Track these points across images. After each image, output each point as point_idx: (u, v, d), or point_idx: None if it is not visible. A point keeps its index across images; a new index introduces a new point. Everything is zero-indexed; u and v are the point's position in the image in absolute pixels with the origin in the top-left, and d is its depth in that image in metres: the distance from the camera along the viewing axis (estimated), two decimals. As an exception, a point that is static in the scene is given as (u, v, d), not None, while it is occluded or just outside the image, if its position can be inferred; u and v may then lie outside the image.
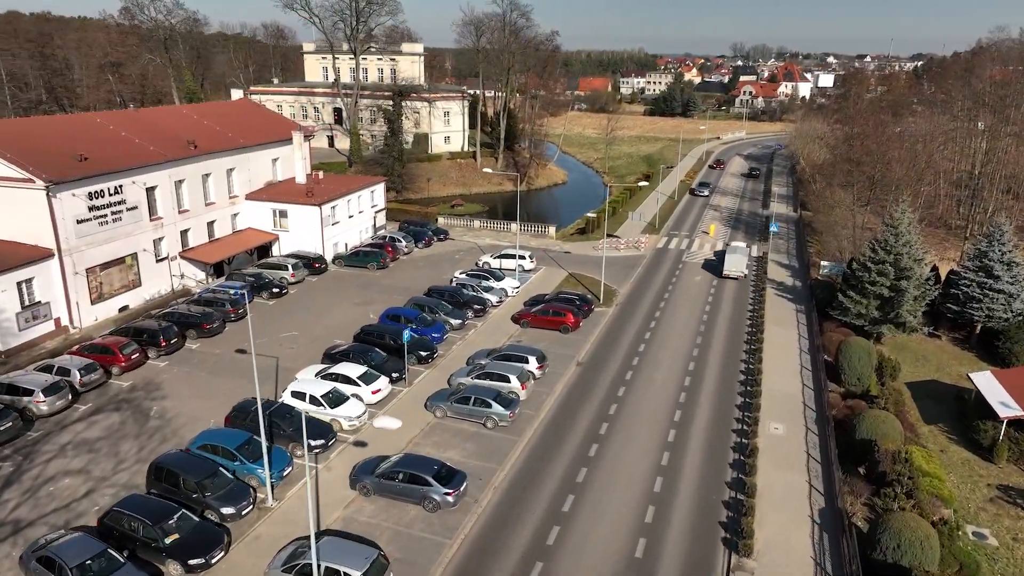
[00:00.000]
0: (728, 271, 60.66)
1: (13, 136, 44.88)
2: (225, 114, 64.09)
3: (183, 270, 53.78)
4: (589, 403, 39.33)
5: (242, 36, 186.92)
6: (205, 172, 55.40)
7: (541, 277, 60.61)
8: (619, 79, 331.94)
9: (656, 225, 78.85)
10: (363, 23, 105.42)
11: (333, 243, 62.35)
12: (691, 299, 56.16)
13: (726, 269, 60.78)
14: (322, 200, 59.73)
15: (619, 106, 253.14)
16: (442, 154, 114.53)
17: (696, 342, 47.78)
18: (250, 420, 33.62)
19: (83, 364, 37.86)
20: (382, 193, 70.91)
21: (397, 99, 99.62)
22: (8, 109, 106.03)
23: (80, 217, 44.66)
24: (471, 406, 36.39)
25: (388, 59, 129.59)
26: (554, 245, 70.87)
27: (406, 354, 41.36)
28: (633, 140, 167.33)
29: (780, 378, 42.19)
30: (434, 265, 62.92)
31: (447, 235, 71.48)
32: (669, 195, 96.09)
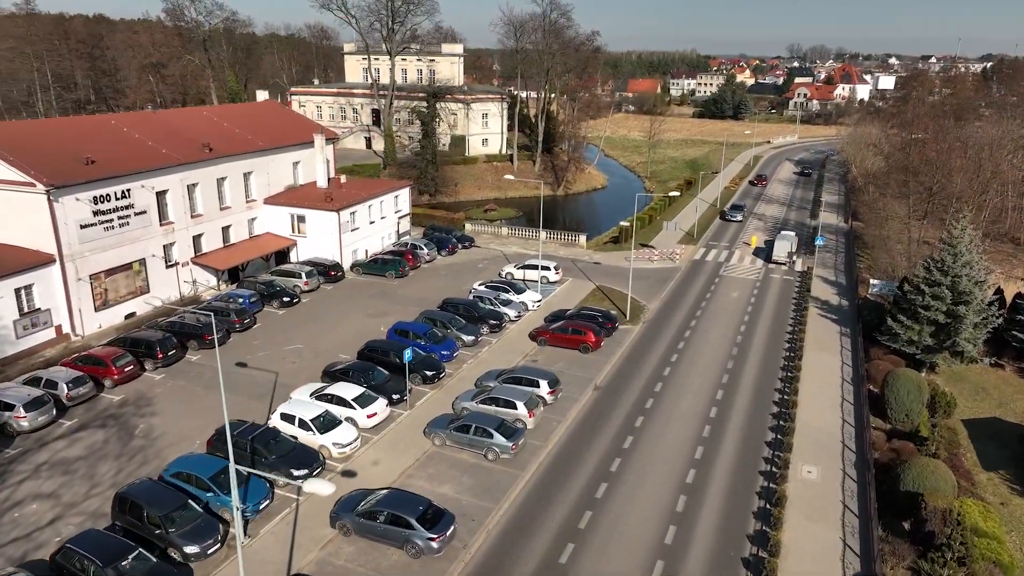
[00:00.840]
0: (776, 256, 65.91)
1: (20, 138, 43.98)
2: (247, 116, 62.77)
3: (195, 276, 52.38)
4: (603, 434, 36.07)
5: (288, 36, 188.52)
6: (220, 176, 53.94)
7: (566, 290, 57.43)
8: (669, 81, 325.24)
9: (694, 235, 74.76)
10: (399, 23, 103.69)
11: (352, 250, 60.35)
12: (726, 318, 52.24)
13: (775, 254, 65.99)
14: (341, 205, 57.76)
15: (667, 108, 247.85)
16: (478, 157, 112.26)
17: (727, 367, 43.98)
18: (233, 445, 31.40)
19: (72, 377, 36.39)
20: (407, 198, 68.73)
21: (431, 101, 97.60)
22: (53, 109, 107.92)
23: (84, 222, 43.44)
24: (471, 435, 33.57)
25: (427, 60, 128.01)
26: (584, 255, 67.55)
27: (408, 374, 38.77)
28: (679, 143, 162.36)
29: (817, 412, 38.17)
30: (456, 274, 60.34)
31: (472, 242, 68.87)
32: (711, 203, 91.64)
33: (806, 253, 68.95)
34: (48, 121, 52.56)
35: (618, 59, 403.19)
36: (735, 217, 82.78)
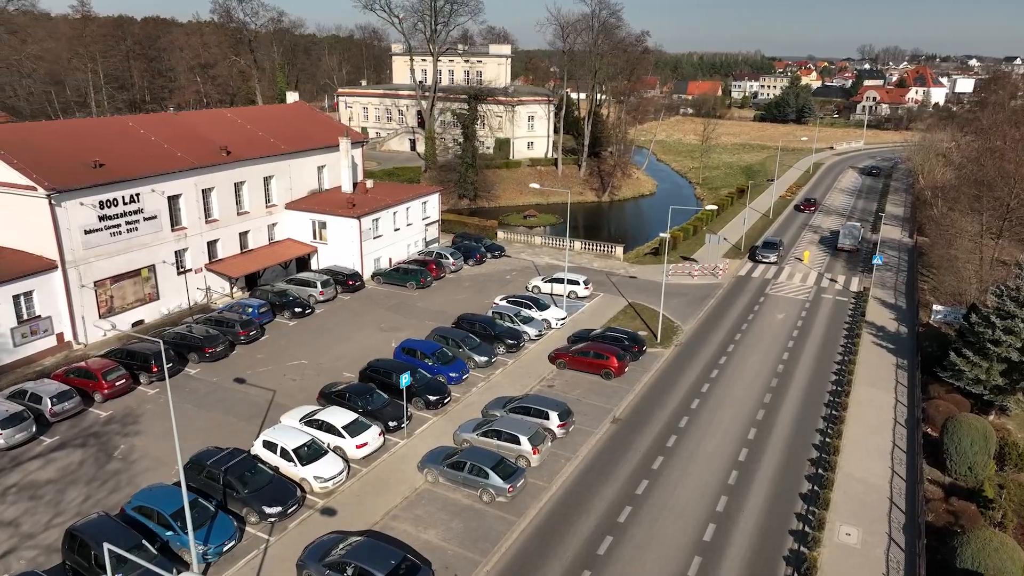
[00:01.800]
0: (842, 245, 70.61)
1: (29, 140, 43.00)
2: (273, 118, 61.21)
3: (209, 283, 50.85)
4: (615, 477, 32.43)
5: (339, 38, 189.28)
6: (239, 180, 52.30)
7: (596, 307, 53.75)
8: (731, 83, 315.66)
9: (741, 248, 69.88)
10: (442, 23, 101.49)
11: (375, 258, 58.05)
12: (768, 343, 47.71)
13: (840, 242, 70.74)
14: (362, 212, 55.48)
15: (727, 111, 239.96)
16: (522, 161, 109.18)
17: (764, 400, 39.66)
18: (205, 476, 29.18)
19: (58, 391, 34.82)
20: (436, 204, 66.14)
21: (472, 102, 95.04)
22: (105, 109, 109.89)
23: (89, 227, 42.15)
24: (465, 473, 30.45)
25: (474, 61, 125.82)
26: (620, 268, 63.64)
27: (409, 398, 35.89)
28: (736, 148, 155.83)
29: (863, 459, 33.62)
30: (480, 286, 57.35)
31: (503, 252, 65.77)
32: (763, 213, 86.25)
33: (863, 272, 63.39)
34: (61, 123, 51.95)
35: (678, 60, 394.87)
36: (767, 258, 64.97)
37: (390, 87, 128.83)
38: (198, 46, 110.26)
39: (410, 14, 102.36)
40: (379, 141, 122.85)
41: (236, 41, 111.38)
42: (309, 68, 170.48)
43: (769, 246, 66.52)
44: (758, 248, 66.96)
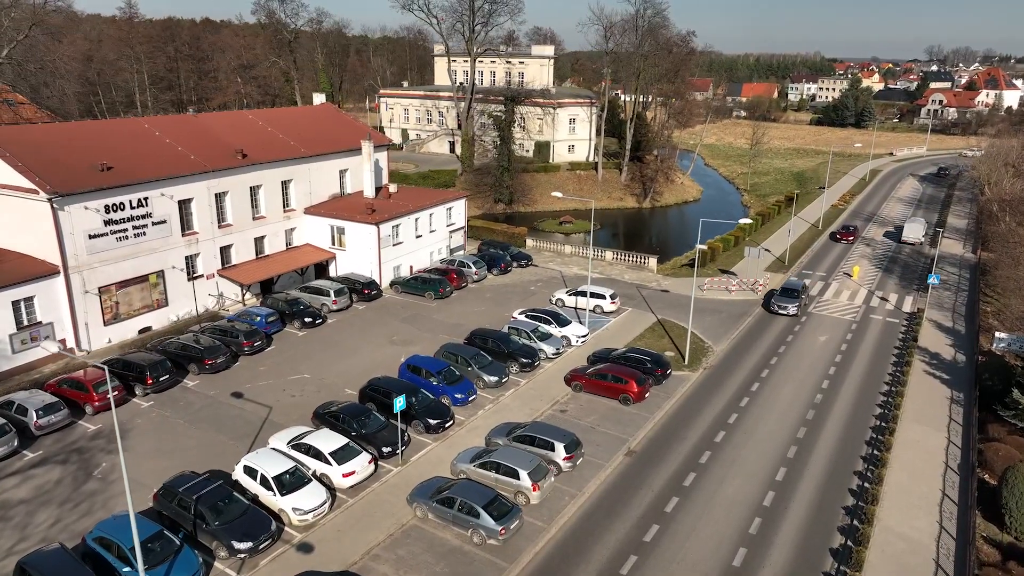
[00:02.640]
0: (906, 237, 71.51)
1: (39, 142, 42.24)
2: (296, 120, 59.84)
3: (221, 290, 49.59)
4: (622, 520, 29.42)
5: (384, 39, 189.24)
6: (254, 184, 50.94)
7: (622, 323, 50.58)
8: (787, 85, 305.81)
9: (785, 261, 65.58)
10: (481, 24, 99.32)
11: (395, 266, 56.06)
12: (806, 368, 43.83)
13: (904, 235, 71.74)
14: (382, 218, 53.53)
15: (782, 114, 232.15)
16: (561, 164, 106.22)
17: (797, 435, 36.00)
18: (176, 504, 27.34)
19: (44, 403, 33.62)
20: (462, 210, 63.85)
21: (509, 104, 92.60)
22: (149, 109, 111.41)
23: (94, 232, 41.12)
24: (455, 511, 27.90)
25: (516, 62, 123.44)
26: (652, 280, 60.21)
27: (408, 421, 33.46)
28: (788, 153, 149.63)
29: (905, 512, 29.81)
30: (502, 298, 54.77)
31: (529, 261, 63.05)
32: (812, 223, 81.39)
33: (917, 291, 58.50)
34: (74, 124, 51.38)
35: (733, 62, 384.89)
36: (785, 308, 51.59)
37: (431, 88, 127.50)
38: (240, 47, 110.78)
39: (448, 14, 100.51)
40: (418, 143, 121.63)
41: (277, 42, 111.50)
42: (359, 69, 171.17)
43: (788, 294, 52.44)
44: (775, 295, 52.94)
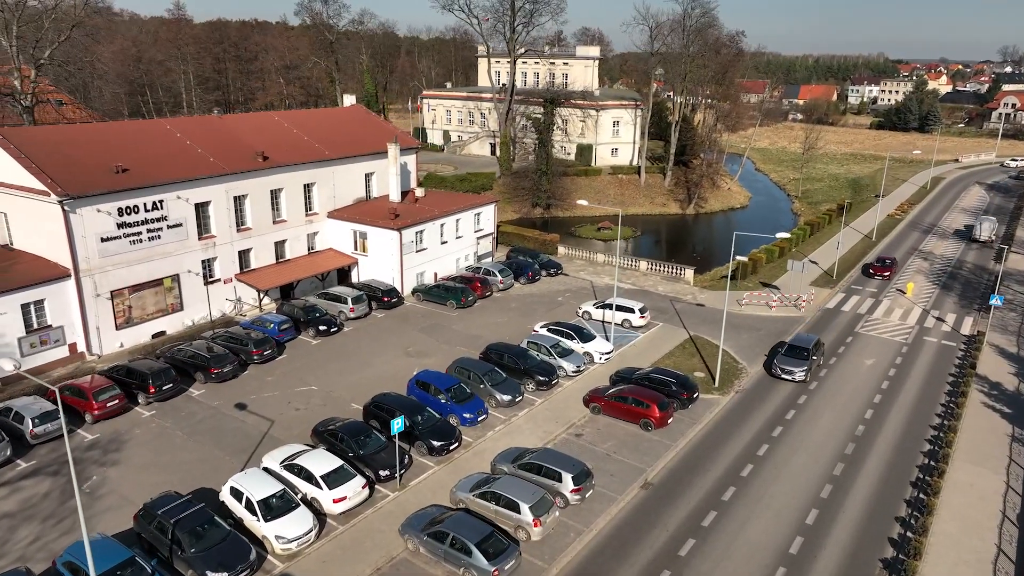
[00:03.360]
0: (976, 236, 71.27)
1: (55, 144, 41.88)
2: (324, 122, 58.79)
3: (240, 294, 48.71)
4: (631, 564, 26.89)
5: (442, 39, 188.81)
6: (275, 187, 49.95)
7: (651, 339, 47.80)
8: (847, 87, 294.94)
9: (833, 275, 61.58)
10: (523, 24, 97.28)
11: (418, 272, 54.43)
12: (849, 395, 40.37)
13: (975, 233, 71.78)
14: (405, 223, 51.95)
15: (841, 117, 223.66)
16: (603, 168, 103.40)
17: (833, 472, 32.79)
18: (155, 528, 26.00)
19: (41, 411, 32.88)
20: (491, 216, 61.85)
21: (548, 106, 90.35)
22: (194, 109, 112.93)
23: (106, 235, 40.53)
24: (446, 547, 25.85)
25: (561, 63, 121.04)
26: (688, 293, 57.12)
27: (398, 445, 31.50)
28: (845, 158, 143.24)
29: (953, 569, 26.46)
30: (527, 308, 52.56)
31: (559, 270, 60.63)
32: (865, 234, 76.74)
33: (979, 311, 53.96)
34: (94, 126, 51.18)
35: (791, 63, 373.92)
36: (790, 373, 41.13)
37: (473, 89, 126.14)
38: (284, 48, 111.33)
39: (489, 14, 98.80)
40: (459, 145, 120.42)
41: (319, 43, 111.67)
42: (408, 70, 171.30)
43: (796, 353, 41.94)
44: (779, 355, 42.40)
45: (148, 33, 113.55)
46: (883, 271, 61.64)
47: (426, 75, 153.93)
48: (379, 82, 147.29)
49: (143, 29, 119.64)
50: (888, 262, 62.68)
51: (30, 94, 62.72)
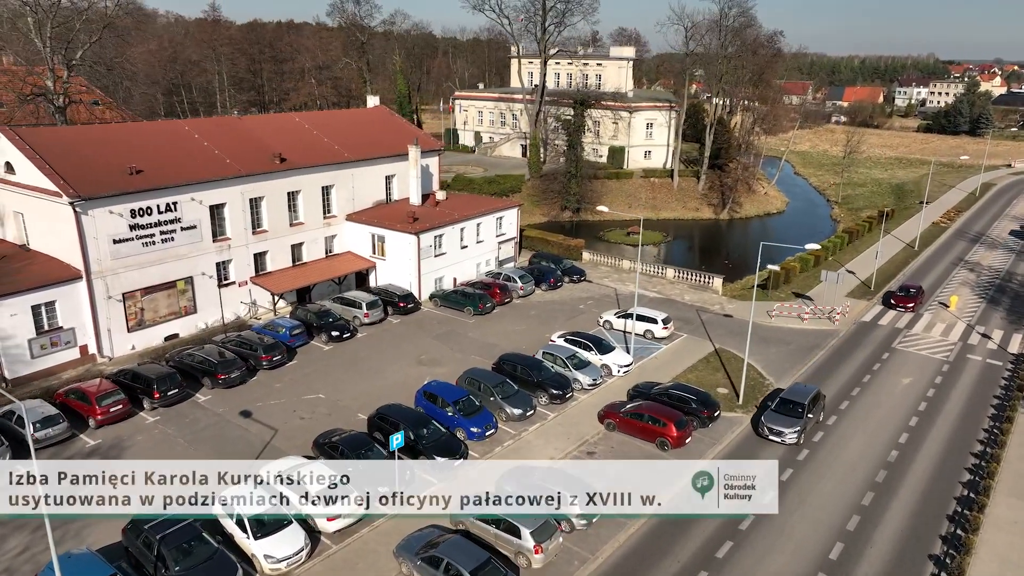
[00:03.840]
0: None
1: (71, 145, 41.78)
2: (346, 124, 58.09)
3: (255, 297, 48.17)
4: (635, 596, 25.24)
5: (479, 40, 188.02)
6: (292, 189, 49.30)
7: (674, 351, 45.88)
8: (894, 89, 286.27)
9: (871, 286, 58.69)
10: (555, 23, 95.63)
11: (436, 277, 53.32)
12: (883, 417, 37.96)
13: None
14: (423, 227, 50.89)
15: (887, 120, 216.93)
16: (634, 171, 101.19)
17: (861, 502, 30.60)
18: (141, 543, 25.20)
19: (43, 415, 32.51)
20: (514, 220, 60.47)
21: (578, 108, 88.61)
22: (227, 109, 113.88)
23: (118, 236, 40.22)
24: (440, 573, 24.54)
25: (594, 64, 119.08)
26: (715, 303, 54.93)
27: (397, 466, 30.26)
28: (890, 163, 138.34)
29: (992, 617, 24.24)
30: (547, 316, 51.02)
31: (583, 276, 58.91)
32: (907, 243, 73.35)
33: (1029, 327, 50.75)
34: (113, 127, 51.30)
35: (836, 64, 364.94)
36: (780, 435, 34.44)
37: (505, 90, 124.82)
38: (316, 48, 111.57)
39: (520, 14, 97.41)
40: (490, 146, 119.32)
41: (350, 43, 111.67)
42: (444, 70, 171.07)
43: (787, 409, 34.88)
44: (768, 411, 35.35)
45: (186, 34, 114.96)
46: (907, 302, 53.30)
47: (460, 76, 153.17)
48: (412, 83, 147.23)
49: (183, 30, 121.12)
50: (913, 291, 54.29)
51: (62, 94, 63.33)
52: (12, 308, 36.85)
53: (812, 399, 35.94)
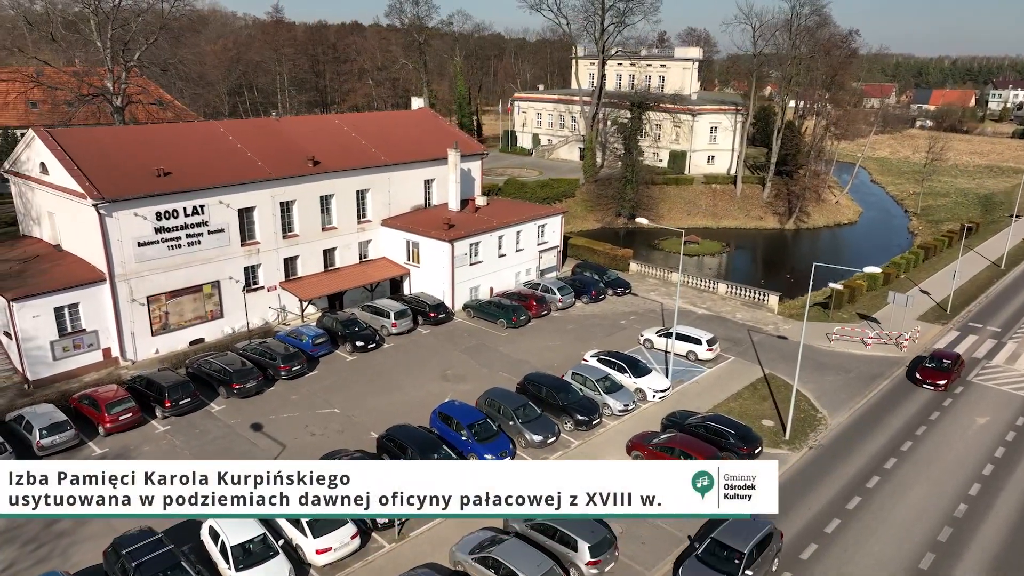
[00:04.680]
0: None
1: (102, 145, 41.61)
2: (386, 126, 56.79)
3: (284, 303, 47.23)
4: (643, 664, 22.37)
5: (546, 40, 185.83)
6: (325, 193, 48.15)
7: (718, 375, 42.42)
8: (988, 91, 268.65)
9: (947, 309, 53.45)
10: (616, 23, 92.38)
11: (472, 286, 51.31)
12: (952, 463, 33.68)
13: None
14: (458, 235, 48.95)
15: (978, 125, 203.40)
16: (695, 177, 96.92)
17: (919, 565, 26.77)
18: (119, 568, 23.93)
19: (50, 422, 31.96)
20: (558, 227, 57.88)
21: (635, 111, 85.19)
22: (287, 110, 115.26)
23: (143, 239, 39.72)
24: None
25: (658, 65, 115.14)
26: (770, 323, 50.95)
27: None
28: (978, 171, 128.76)
29: None
30: (585, 331, 48.24)
31: (628, 289, 55.72)
32: (992, 260, 67.01)
33: None
34: (148, 128, 51.28)
35: (924, 65, 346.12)
36: None
37: (564, 92, 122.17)
38: (375, 49, 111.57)
39: (579, 13, 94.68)
40: (548, 149, 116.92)
41: (407, 44, 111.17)
42: (509, 70, 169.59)
43: (717, 560, 25.12)
44: (692, 559, 25.80)
45: (250, 36, 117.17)
46: (937, 378, 40.35)
47: (521, 77, 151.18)
48: (474, 84, 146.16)
49: (249, 32, 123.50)
50: (947, 364, 40.93)
51: (120, 95, 64.36)
52: (35, 309, 36.68)
53: (757, 545, 25.03)
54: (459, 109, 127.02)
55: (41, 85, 63.47)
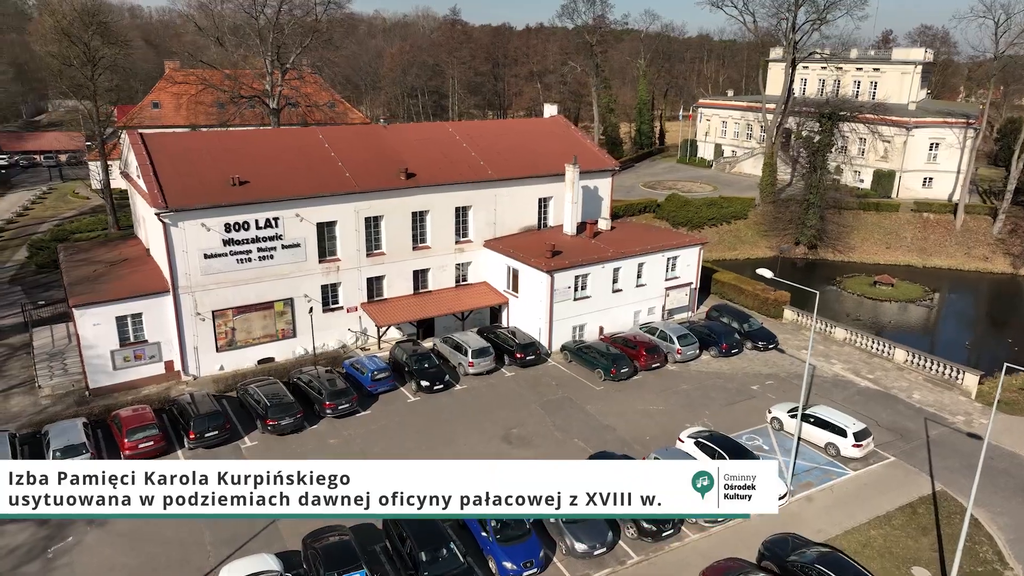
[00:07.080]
0: None
1: (186, 151, 40.30)
2: (506, 136, 51.21)
3: (365, 325, 43.58)
4: None
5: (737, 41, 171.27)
6: (419, 208, 43.73)
7: (864, 483, 31.60)
8: None
9: None
10: (814, 18, 79.11)
11: (577, 324, 44.28)
12: None
13: None
14: (559, 265, 42.20)
15: None
16: (902, 203, 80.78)
17: None
18: None
19: (67, 443, 30.20)
20: (694, 260, 48.78)
21: (825, 122, 72.12)
22: (455, 113, 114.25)
23: (210, 251, 37.69)
24: None
25: (871, 69, 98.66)
26: (959, 411, 38.20)
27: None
28: None
29: None
30: (700, 396, 39.14)
31: (772, 343, 45.14)
32: None
33: None
34: (240, 133, 49.76)
35: None
36: None
37: (754, 99, 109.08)
38: (545, 51, 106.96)
39: (767, 9, 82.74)
40: (730, 161, 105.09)
41: (580, 45, 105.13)
42: (696, 75, 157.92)
43: None
44: None
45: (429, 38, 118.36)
46: None
47: (713, 81, 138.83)
48: (659, 88, 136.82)
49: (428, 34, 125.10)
50: None
51: (276, 97, 65.46)
52: (96, 317, 35.90)
53: None
54: (639, 115, 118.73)
55: (208, 87, 66.29)
